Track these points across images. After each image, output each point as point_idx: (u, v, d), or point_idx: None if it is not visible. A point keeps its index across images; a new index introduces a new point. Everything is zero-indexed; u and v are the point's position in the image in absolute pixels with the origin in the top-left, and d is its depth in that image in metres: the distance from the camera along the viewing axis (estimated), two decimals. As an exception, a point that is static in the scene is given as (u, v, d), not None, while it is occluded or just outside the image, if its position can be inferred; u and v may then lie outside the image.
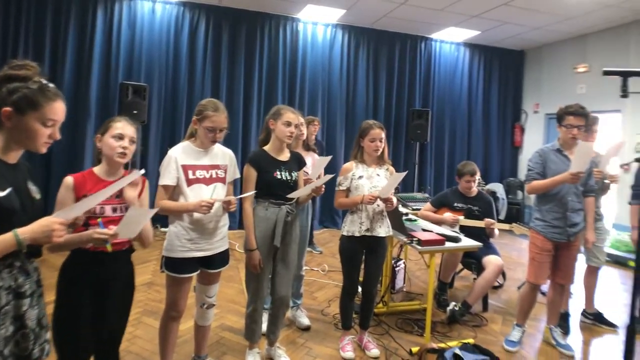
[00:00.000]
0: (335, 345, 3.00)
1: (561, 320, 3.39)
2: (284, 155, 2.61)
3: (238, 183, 2.55)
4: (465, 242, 3.14)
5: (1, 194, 1.28)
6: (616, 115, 6.24)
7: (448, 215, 3.75)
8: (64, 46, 5.63)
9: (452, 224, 3.66)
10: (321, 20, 6.86)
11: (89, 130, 5.62)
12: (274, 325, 2.71)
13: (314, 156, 3.36)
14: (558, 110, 2.99)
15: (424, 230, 3.24)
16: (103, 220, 1.67)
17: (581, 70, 6.88)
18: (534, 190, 3.02)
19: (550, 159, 2.98)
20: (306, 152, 3.25)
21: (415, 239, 2.95)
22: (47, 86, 1.38)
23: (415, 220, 3.67)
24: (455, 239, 3.11)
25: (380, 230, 2.81)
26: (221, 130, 2.24)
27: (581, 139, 2.93)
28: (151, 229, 1.93)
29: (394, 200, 2.76)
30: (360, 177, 2.79)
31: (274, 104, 6.41)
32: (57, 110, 1.39)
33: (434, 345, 2.98)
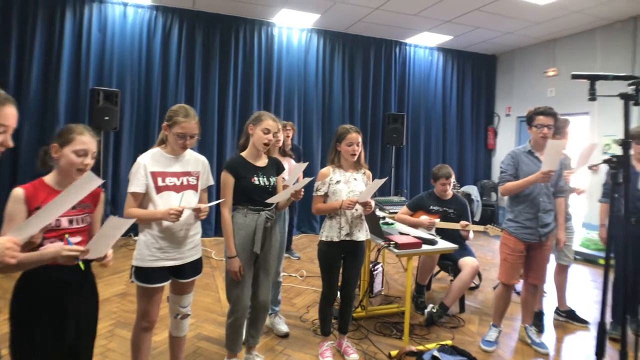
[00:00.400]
0: (315, 351, 2.98)
1: (536, 318, 3.47)
2: (262, 161, 2.59)
3: (214, 190, 2.51)
4: (442, 245, 3.17)
5: None
6: (584, 118, 6.45)
7: (424, 218, 3.78)
8: (30, 51, 5.43)
9: (429, 227, 3.70)
10: (296, 25, 6.86)
11: (58, 137, 5.45)
12: (254, 330, 2.67)
13: (290, 162, 3.34)
14: (527, 112, 3.07)
15: (401, 234, 3.26)
16: (59, 233, 1.60)
17: (551, 74, 7.09)
18: (508, 191, 3.07)
19: (522, 160, 3.04)
20: (282, 158, 3.22)
21: (392, 243, 2.96)
22: None
23: (392, 224, 3.69)
24: (431, 242, 3.13)
25: (360, 234, 2.80)
26: (192, 136, 2.19)
27: (551, 138, 3.00)
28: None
29: (372, 203, 2.76)
30: (337, 182, 2.78)
31: (250, 109, 6.41)
32: (7, 115, 1.32)
33: (413, 348, 2.99)
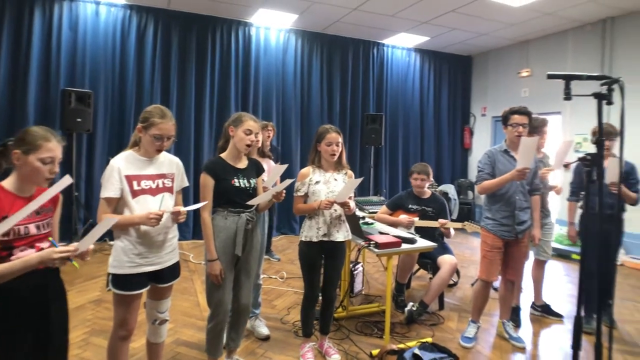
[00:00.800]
0: (296, 353, 2.96)
1: (513, 314, 3.53)
2: (242, 163, 2.56)
3: (189, 192, 2.47)
4: (421, 243, 3.20)
5: None
6: (557, 117, 6.62)
7: (404, 217, 3.82)
8: (-3, 49, 5.25)
9: (408, 226, 3.73)
10: (274, 25, 6.82)
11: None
12: (234, 333, 2.63)
13: (269, 163, 3.31)
14: (503, 112, 3.13)
15: (381, 233, 3.27)
16: (29, 241, 1.55)
17: (524, 74, 7.25)
18: (485, 190, 3.12)
19: (498, 159, 3.10)
20: (261, 159, 3.19)
21: (372, 242, 2.97)
22: None
23: (372, 224, 3.70)
24: (411, 241, 3.15)
25: (339, 235, 2.80)
26: (169, 138, 2.14)
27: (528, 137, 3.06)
28: None
29: (352, 204, 2.76)
30: (317, 183, 2.77)
31: (227, 109, 6.34)
32: None
33: (394, 346, 3.01)
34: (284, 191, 2.52)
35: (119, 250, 2.09)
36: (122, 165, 2.09)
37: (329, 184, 2.78)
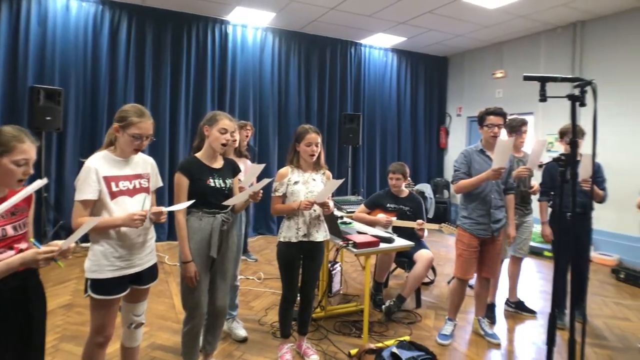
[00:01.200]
0: (274, 354, 2.94)
1: (488, 310, 3.60)
2: (218, 163, 2.51)
3: (164, 192, 2.41)
4: (399, 242, 3.22)
5: None
6: (529, 118, 6.76)
7: (382, 216, 3.84)
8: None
9: (386, 225, 3.75)
10: (251, 23, 6.76)
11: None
12: (211, 337, 2.59)
13: (246, 162, 3.27)
14: (479, 112, 3.18)
15: (359, 233, 3.28)
16: (7, 242, 1.50)
17: (499, 75, 7.40)
18: (461, 189, 3.17)
19: (474, 159, 3.15)
20: (238, 159, 3.15)
21: (351, 242, 2.97)
22: None
23: (350, 223, 3.71)
24: (388, 240, 3.17)
25: (318, 235, 2.79)
26: (147, 137, 2.10)
27: (507, 137, 3.11)
28: None
29: (331, 204, 2.75)
30: (296, 183, 2.75)
31: (203, 108, 6.25)
32: None
33: (372, 345, 3.01)
34: (261, 191, 2.49)
35: (99, 254, 2.02)
36: (100, 166, 2.02)
37: (308, 184, 2.76)
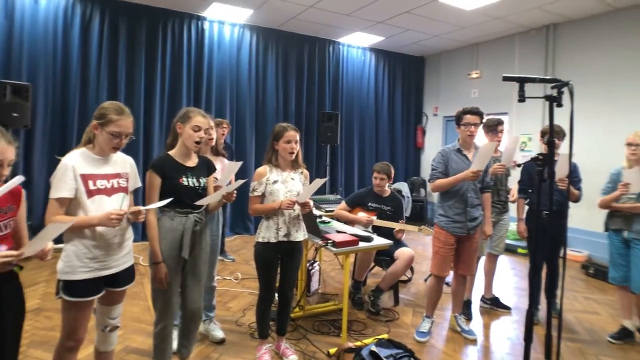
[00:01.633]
0: (252, 356, 2.90)
1: (464, 307, 3.65)
2: (192, 161, 2.44)
3: (139, 190, 2.34)
4: (378, 241, 3.23)
5: None
6: (504, 118, 6.89)
7: (362, 215, 3.85)
8: None
9: (366, 225, 3.76)
10: (228, 20, 6.66)
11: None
12: (186, 340, 2.53)
13: (223, 161, 3.21)
14: (456, 112, 3.22)
15: (338, 232, 3.27)
16: None
17: (474, 76, 7.52)
18: (438, 188, 3.20)
19: (451, 158, 3.18)
20: (215, 157, 3.09)
21: (330, 241, 2.96)
22: None
23: (329, 222, 3.70)
24: (367, 239, 3.18)
25: (298, 234, 2.77)
26: (127, 135, 2.04)
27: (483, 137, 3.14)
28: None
29: (311, 203, 2.74)
30: (275, 182, 2.71)
31: (179, 106, 6.12)
32: None
33: (351, 344, 3.01)
34: (235, 192, 2.44)
35: (72, 255, 1.95)
36: (77, 163, 1.96)
37: (287, 184, 2.73)
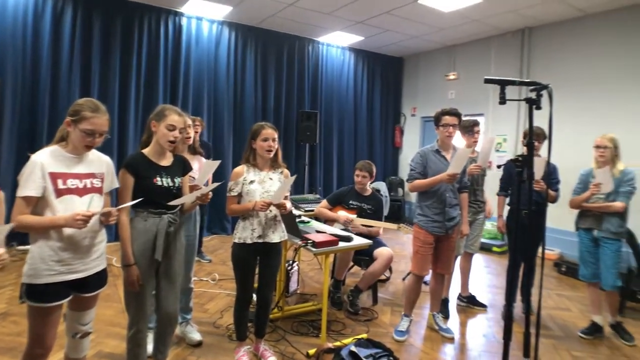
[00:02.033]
0: (231, 358, 2.86)
1: (441, 306, 3.69)
2: (166, 160, 2.37)
3: (112, 190, 2.26)
4: (357, 241, 3.23)
5: None
6: (480, 119, 7.02)
7: (342, 214, 3.85)
8: None
9: (345, 223, 3.76)
10: (206, 16, 6.55)
11: None
12: (161, 345, 2.47)
13: (200, 160, 3.14)
14: (435, 113, 3.24)
15: (318, 232, 3.25)
16: None
17: (451, 77, 7.62)
18: (416, 188, 3.22)
19: (430, 159, 3.21)
20: (192, 156, 3.03)
21: (310, 241, 2.94)
22: None
23: (308, 222, 3.67)
24: (347, 239, 3.17)
25: (274, 236, 2.72)
26: (101, 134, 1.96)
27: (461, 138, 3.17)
28: None
29: (288, 204, 2.70)
30: (251, 182, 2.67)
31: (155, 103, 5.98)
32: None
33: (330, 345, 3.00)
34: (210, 193, 2.39)
35: (36, 257, 1.85)
36: (46, 161, 1.86)
37: (264, 184, 2.69)
